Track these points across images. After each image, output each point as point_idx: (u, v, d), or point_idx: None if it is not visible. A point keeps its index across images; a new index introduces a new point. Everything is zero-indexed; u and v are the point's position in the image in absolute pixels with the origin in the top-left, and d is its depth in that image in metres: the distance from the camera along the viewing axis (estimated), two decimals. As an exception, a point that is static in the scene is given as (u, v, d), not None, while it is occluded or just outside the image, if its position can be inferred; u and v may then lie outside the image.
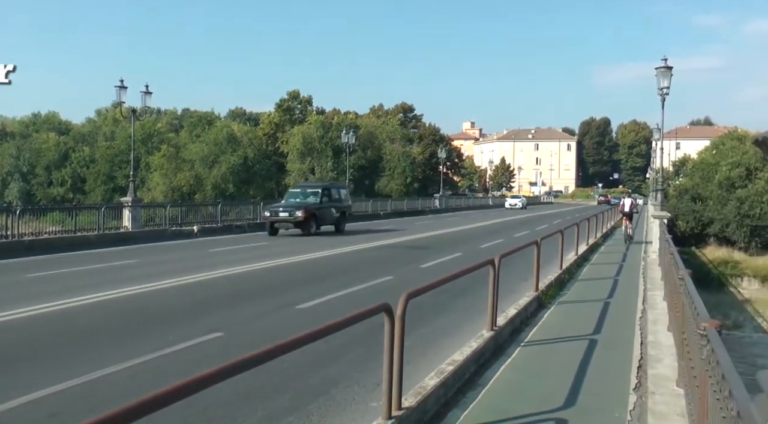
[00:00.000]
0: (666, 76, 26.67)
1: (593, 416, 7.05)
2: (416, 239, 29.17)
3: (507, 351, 9.64)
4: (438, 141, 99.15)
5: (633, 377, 8.58)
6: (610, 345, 10.30)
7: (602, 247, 27.81)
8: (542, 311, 12.90)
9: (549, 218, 52.99)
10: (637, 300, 14.60)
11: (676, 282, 9.78)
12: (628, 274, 19.40)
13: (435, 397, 6.99)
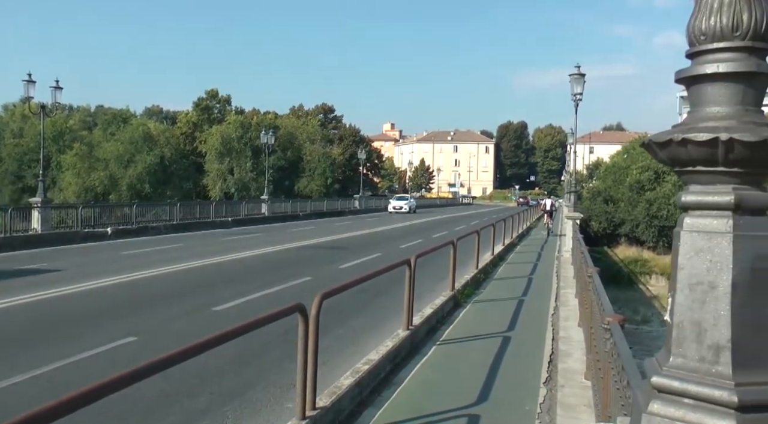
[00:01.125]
0: (579, 83, 27.49)
1: (505, 410, 7.22)
2: (336, 240, 29.15)
3: (423, 350, 9.76)
4: (358, 142, 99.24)
5: (544, 372, 8.83)
6: (523, 342, 10.55)
7: (518, 247, 28.45)
8: (458, 310, 13.11)
9: (467, 218, 53.84)
10: (550, 298, 14.99)
11: (586, 280, 10.12)
12: (542, 273, 19.90)
13: (350, 396, 7.01)
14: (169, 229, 32.78)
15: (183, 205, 38.41)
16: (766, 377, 2.10)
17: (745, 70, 2.19)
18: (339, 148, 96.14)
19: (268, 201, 49.03)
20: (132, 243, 26.04)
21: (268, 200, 49.28)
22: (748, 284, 2.14)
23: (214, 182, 74.21)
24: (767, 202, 2.22)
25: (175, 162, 74.96)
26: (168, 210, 36.22)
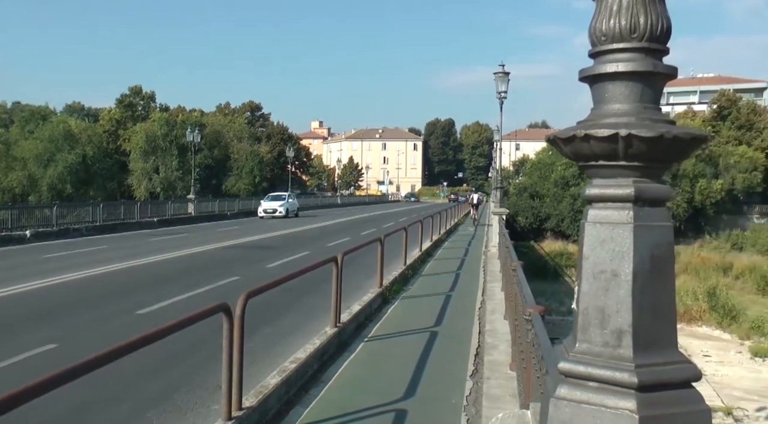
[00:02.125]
0: (504, 81, 28.06)
1: (432, 404, 7.33)
2: (264, 239, 28.93)
3: (350, 347, 9.80)
4: (286, 140, 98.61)
5: (470, 365, 8.99)
6: (450, 336, 10.72)
7: (446, 242, 28.81)
8: (386, 306, 13.22)
9: (396, 215, 54.15)
10: (477, 292, 15.27)
11: (511, 273, 10.37)
12: (469, 268, 20.23)
13: (277, 395, 7.00)
14: (92, 230, 31.86)
15: (107, 205, 37.43)
16: (664, 358, 2.23)
17: (642, 69, 2.31)
18: (267, 147, 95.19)
19: (194, 200, 48.24)
20: (53, 246, 25.24)
21: (195, 200, 48.50)
22: (648, 272, 2.26)
23: (139, 182, 72.31)
24: (665, 194, 2.35)
25: (98, 161, 72.73)
26: (91, 211, 35.19)
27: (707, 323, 33.54)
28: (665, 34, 2.35)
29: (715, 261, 50.21)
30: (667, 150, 2.26)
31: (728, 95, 79.35)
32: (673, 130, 2.23)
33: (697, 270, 47.45)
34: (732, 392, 22.39)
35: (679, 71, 2.48)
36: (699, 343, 30.13)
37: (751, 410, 20.70)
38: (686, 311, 34.41)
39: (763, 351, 28.31)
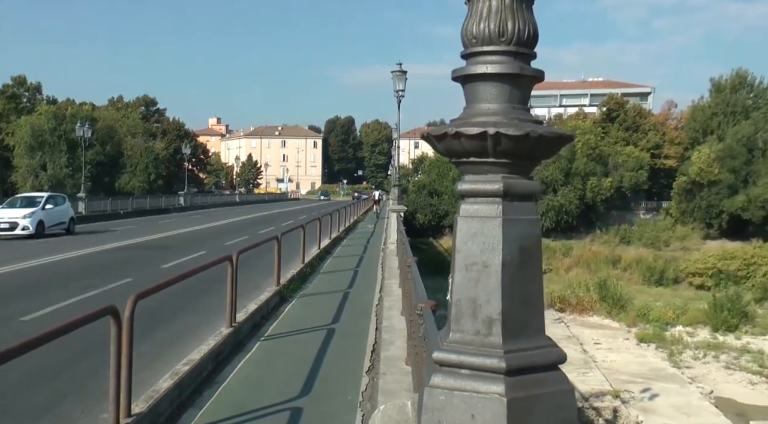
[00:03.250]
0: (401, 80, 28.41)
1: (328, 401, 7.38)
2: (159, 238, 28.18)
3: (246, 347, 9.72)
4: (183, 137, 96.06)
5: (367, 361, 9.09)
6: (347, 333, 10.80)
7: (345, 240, 28.92)
8: (284, 305, 13.17)
9: (294, 214, 53.84)
10: (375, 289, 15.40)
11: (407, 270, 10.53)
12: (368, 265, 20.38)
13: (169, 399, 6.85)
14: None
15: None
16: (531, 343, 2.37)
17: (510, 71, 2.44)
18: (162, 143, 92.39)
19: (85, 199, 46.36)
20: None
21: (86, 198, 46.62)
22: (516, 263, 2.39)
23: (24, 179, 68.60)
24: (532, 190, 2.49)
25: (-23, 157, 68.86)
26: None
27: (598, 312, 35.09)
28: (532, 39, 2.48)
29: (605, 254, 52.52)
30: (533, 148, 2.39)
31: (616, 99, 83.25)
32: (538, 129, 2.36)
33: (589, 263, 49.56)
34: (620, 377, 23.53)
35: (571, 75, 2.69)
36: (590, 332, 31.49)
37: (636, 392, 21.82)
38: (579, 302, 35.91)
39: (648, 337, 29.88)
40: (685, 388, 23.11)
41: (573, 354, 26.51)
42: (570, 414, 2.39)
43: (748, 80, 74.96)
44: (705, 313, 33.14)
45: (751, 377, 25.22)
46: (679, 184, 66.10)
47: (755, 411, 21.75)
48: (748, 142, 64.11)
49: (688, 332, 31.33)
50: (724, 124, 70.17)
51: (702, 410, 20.78)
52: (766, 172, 61.42)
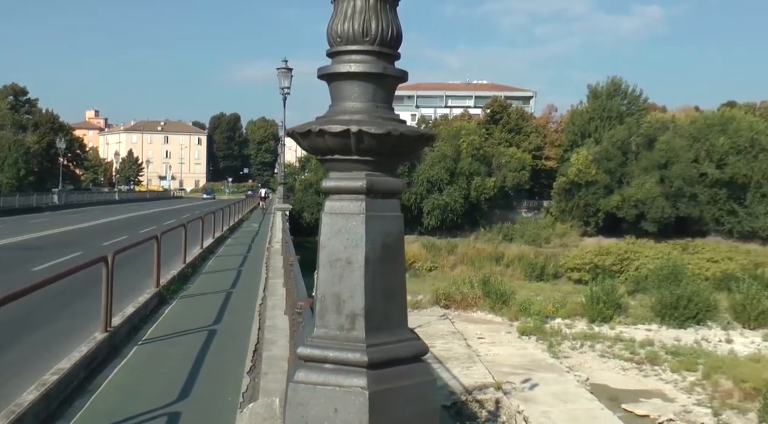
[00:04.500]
0: (287, 77, 28.27)
1: (207, 404, 7.26)
2: (31, 239, 26.74)
3: (123, 352, 9.38)
4: (57, 130, 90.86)
5: (248, 361, 9.00)
6: (229, 334, 10.64)
7: (229, 239, 28.47)
8: (164, 307, 12.82)
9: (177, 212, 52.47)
10: (259, 288, 15.25)
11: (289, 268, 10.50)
12: (252, 264, 20.16)
13: (34, 413, 6.47)
14: None
15: None
16: (393, 337, 2.43)
17: (374, 71, 2.48)
18: (34, 136, 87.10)
19: (-54, 199, 43.42)
20: None
21: (-54, 198, 43.67)
22: (379, 258, 2.44)
23: None
24: (396, 187, 2.55)
25: None
26: None
27: (482, 308, 36.18)
28: (395, 39, 2.53)
29: (488, 252, 54.15)
30: (396, 146, 2.44)
31: (500, 101, 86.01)
32: (400, 128, 2.42)
33: (473, 260, 50.96)
34: (502, 369, 24.36)
35: (456, 77, 2.75)
36: (474, 327, 32.42)
37: (517, 383, 22.65)
38: (463, 298, 36.89)
39: (529, 330, 31.09)
40: (563, 377, 24.20)
41: (457, 349, 27.22)
42: (432, 405, 2.46)
43: (622, 88, 79.35)
44: (582, 306, 34.82)
45: (624, 363, 26.75)
46: (558, 184, 69.01)
47: (626, 394, 23.08)
48: (622, 145, 67.85)
49: (567, 324, 32.82)
50: (601, 128, 73.92)
51: (578, 397, 21.83)
52: (639, 174, 65.11)
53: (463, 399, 20.65)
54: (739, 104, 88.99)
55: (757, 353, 27.85)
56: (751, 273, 41.21)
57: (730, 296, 36.12)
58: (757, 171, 64.04)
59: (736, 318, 34.07)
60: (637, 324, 33.54)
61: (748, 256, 51.94)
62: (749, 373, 23.53)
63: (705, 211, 64.61)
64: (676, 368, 25.84)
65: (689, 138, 66.97)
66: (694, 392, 23.34)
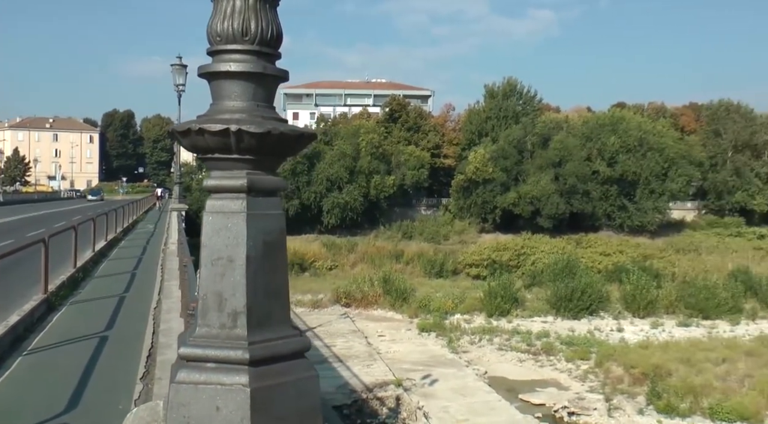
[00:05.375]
0: (181, 74, 27.55)
1: (97, 412, 7.03)
2: None
3: (6, 364, 8.91)
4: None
5: (142, 367, 8.76)
6: (122, 339, 10.32)
7: (123, 241, 27.59)
8: (52, 314, 12.28)
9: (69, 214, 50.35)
10: (154, 291, 14.86)
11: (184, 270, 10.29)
12: (146, 266, 19.61)
13: None
14: None
15: None
16: (275, 334, 2.45)
17: (253, 70, 2.50)
18: None
19: None
20: None
21: None
22: (261, 256, 2.45)
23: None
24: (277, 186, 2.57)
25: None
26: None
27: (382, 306, 36.49)
28: (276, 39, 2.56)
29: (388, 249, 54.56)
30: (276, 145, 2.47)
31: (399, 100, 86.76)
32: (280, 127, 2.44)
33: (373, 258, 51.23)
34: (403, 366, 24.66)
35: (356, 75, 2.75)
36: (375, 324, 32.65)
37: (417, 379, 22.98)
38: (364, 296, 37.09)
39: (429, 326, 31.60)
40: (462, 371, 24.73)
41: (358, 347, 27.37)
42: (313, 400, 2.50)
43: (518, 88, 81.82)
44: (481, 301, 35.69)
45: (520, 355, 27.61)
46: (457, 182, 70.33)
47: (523, 385, 23.84)
48: (518, 144, 69.91)
49: (466, 320, 33.55)
50: (497, 127, 75.92)
51: (477, 390, 22.37)
52: (534, 172, 67.22)
53: (364, 397, 20.80)
54: (628, 105, 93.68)
55: (646, 340, 29.33)
56: (641, 265, 43.34)
57: (621, 287, 37.83)
58: (645, 169, 67.52)
59: (627, 308, 35.77)
60: (534, 317, 34.67)
61: (637, 249, 54.53)
62: (638, 359, 24.74)
63: (597, 207, 67.46)
64: (570, 357, 26.87)
65: (582, 137, 69.77)
66: (587, 380, 24.33)
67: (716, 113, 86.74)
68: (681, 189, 71.28)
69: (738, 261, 46.89)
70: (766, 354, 25.92)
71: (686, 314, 35.00)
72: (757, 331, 31.91)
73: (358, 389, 21.29)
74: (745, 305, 36.56)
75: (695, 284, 37.28)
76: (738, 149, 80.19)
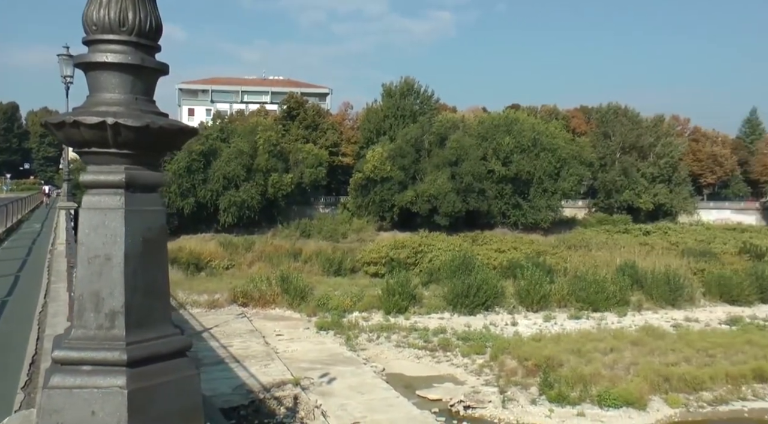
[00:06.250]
0: (69, 64, 26.40)
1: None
2: None
3: None
4: None
5: (24, 376, 8.35)
6: (2, 347, 9.80)
7: (6, 242, 26.22)
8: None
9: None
10: (40, 295, 14.18)
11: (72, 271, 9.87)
12: (32, 269, 18.70)
13: None
14: None
15: None
16: (155, 333, 2.39)
17: (131, 62, 2.41)
18: None
19: None
20: None
21: None
22: (140, 254, 2.38)
23: None
24: (157, 181, 2.50)
25: None
26: None
27: (280, 305, 36.19)
28: (155, 31, 2.48)
29: (286, 248, 54.09)
30: (156, 139, 2.40)
31: (297, 98, 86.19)
32: (159, 121, 2.37)
33: (271, 257, 50.67)
34: (301, 365, 24.53)
35: (253, 72, 2.67)
36: (273, 324, 32.34)
37: (316, 377, 22.92)
38: (261, 295, 36.69)
39: (327, 325, 31.58)
40: (360, 369, 24.84)
41: (255, 347, 27.05)
42: (194, 399, 2.45)
43: (415, 88, 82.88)
44: (379, 298, 35.93)
45: (418, 352, 27.98)
46: (355, 180, 70.55)
47: (420, 381, 24.17)
48: (415, 143, 70.78)
49: (364, 317, 33.71)
50: (395, 126, 76.66)
51: (375, 387, 22.52)
52: (432, 170, 68.25)
53: (261, 397, 20.58)
54: (522, 107, 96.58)
55: (539, 333, 30.34)
56: (534, 261, 44.70)
57: (516, 282, 38.95)
58: (538, 168, 69.87)
59: (521, 302, 36.87)
60: (431, 313, 35.21)
61: (531, 245, 56.21)
62: (531, 351, 25.55)
63: (493, 205, 69.24)
64: (466, 352, 27.45)
65: (478, 137, 71.42)
66: (482, 374, 24.93)
67: (605, 116, 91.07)
68: (572, 188, 74.23)
69: (625, 256, 49.07)
70: (650, 343, 27.32)
71: (577, 307, 36.41)
72: (642, 321, 33.57)
73: (255, 390, 21.04)
74: (631, 297, 38.40)
75: (585, 279, 38.80)
76: (625, 151, 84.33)
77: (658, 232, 70.28)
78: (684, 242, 61.48)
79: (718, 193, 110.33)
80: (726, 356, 25.66)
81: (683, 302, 38.72)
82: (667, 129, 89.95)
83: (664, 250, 54.60)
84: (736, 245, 58.78)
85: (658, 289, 38.78)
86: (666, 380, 22.94)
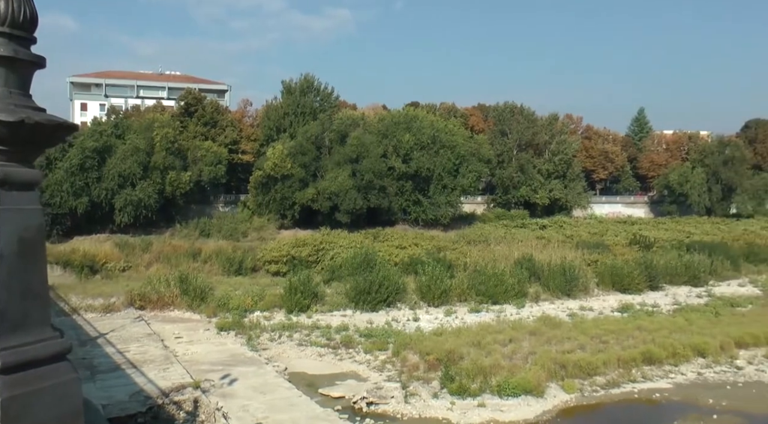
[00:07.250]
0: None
1: None
2: None
3: None
4: None
5: None
6: None
7: None
8: None
9: None
10: None
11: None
12: None
13: None
14: None
15: None
16: (33, 337, 2.30)
17: (3, 54, 2.32)
18: None
19: None
20: None
21: None
22: (16, 254, 2.29)
23: None
24: (34, 179, 2.40)
25: None
26: None
27: (179, 306, 35.30)
28: (29, 22, 2.39)
29: (185, 248, 52.83)
30: (32, 135, 2.31)
31: (195, 94, 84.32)
32: (35, 116, 2.29)
33: (170, 258, 49.39)
34: (201, 367, 24.02)
35: (149, 66, 2.58)
36: (172, 326, 31.52)
37: (216, 379, 22.51)
38: (159, 297, 35.68)
39: (228, 325, 31.07)
40: (262, 369, 24.56)
41: (153, 351, 26.31)
42: (74, 404, 2.38)
43: (315, 85, 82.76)
44: (281, 297, 35.62)
45: (320, 350, 27.91)
46: (255, 178, 69.71)
47: (323, 379, 24.13)
48: (316, 140, 70.64)
49: (266, 317, 33.34)
50: (295, 123, 76.31)
51: (277, 387, 22.32)
52: (332, 168, 68.25)
53: (160, 403, 20.04)
54: (421, 105, 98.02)
55: (440, 327, 30.77)
56: (435, 257, 45.40)
57: (417, 278, 39.38)
58: (438, 165, 71.12)
59: (423, 298, 37.34)
60: (333, 311, 35.19)
61: (432, 241, 57.04)
62: (433, 346, 25.89)
63: (393, 202, 69.94)
64: (368, 349, 27.57)
65: (378, 134, 71.97)
66: (385, 370, 25.10)
67: (502, 115, 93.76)
68: (471, 184, 76.00)
69: (523, 250, 50.44)
70: (547, 332, 28.23)
71: (477, 301, 37.19)
72: (539, 312, 34.64)
73: (153, 395, 20.44)
74: (529, 289, 39.59)
75: (485, 273, 39.67)
76: (522, 148, 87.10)
77: (554, 226, 72.96)
78: (578, 234, 64.10)
79: (610, 188, 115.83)
80: (618, 342, 26.87)
81: (578, 292, 40.31)
82: (561, 127, 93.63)
83: (559, 243, 56.51)
84: (627, 236, 61.88)
85: (555, 280, 40.20)
86: (562, 367, 23.81)
